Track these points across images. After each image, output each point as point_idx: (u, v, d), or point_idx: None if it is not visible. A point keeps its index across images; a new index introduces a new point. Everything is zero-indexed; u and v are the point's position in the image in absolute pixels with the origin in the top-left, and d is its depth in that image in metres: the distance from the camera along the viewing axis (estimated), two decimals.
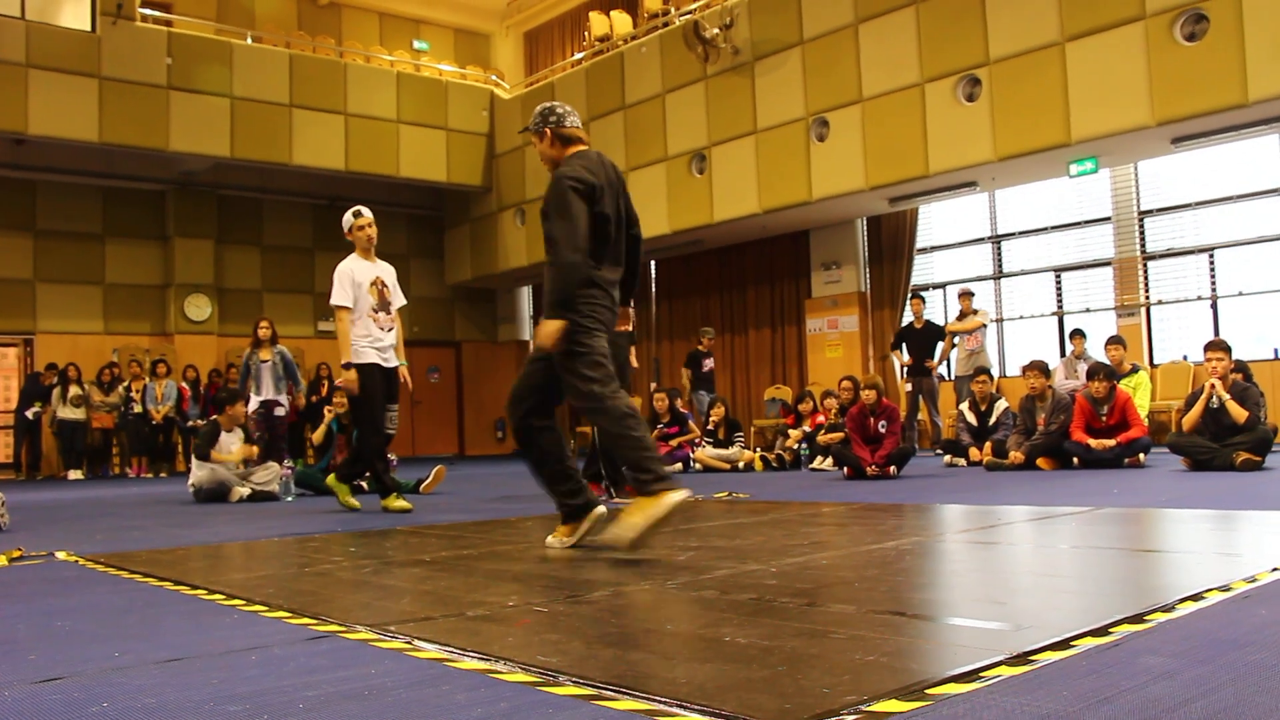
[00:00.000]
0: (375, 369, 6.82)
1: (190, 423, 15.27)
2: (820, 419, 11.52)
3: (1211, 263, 12.49)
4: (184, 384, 15.82)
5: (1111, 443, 8.80)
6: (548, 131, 4.34)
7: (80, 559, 4.47)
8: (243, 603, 3.14)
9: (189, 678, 2.17)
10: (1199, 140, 10.99)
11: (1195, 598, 2.67)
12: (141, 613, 3.09)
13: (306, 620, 2.81)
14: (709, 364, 13.81)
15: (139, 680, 2.16)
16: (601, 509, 4.28)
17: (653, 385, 15.15)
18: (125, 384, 15.46)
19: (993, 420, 10.08)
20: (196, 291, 17.84)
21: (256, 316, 10.71)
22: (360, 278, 6.87)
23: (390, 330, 6.99)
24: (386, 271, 7.11)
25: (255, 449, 9.21)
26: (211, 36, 16.47)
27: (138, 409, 15.17)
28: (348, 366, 6.73)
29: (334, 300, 6.81)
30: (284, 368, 10.51)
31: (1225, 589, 2.78)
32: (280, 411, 10.35)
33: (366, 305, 6.85)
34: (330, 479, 7.15)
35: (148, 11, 16.00)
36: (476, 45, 22.12)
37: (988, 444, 9.78)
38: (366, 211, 7.05)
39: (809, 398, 12.16)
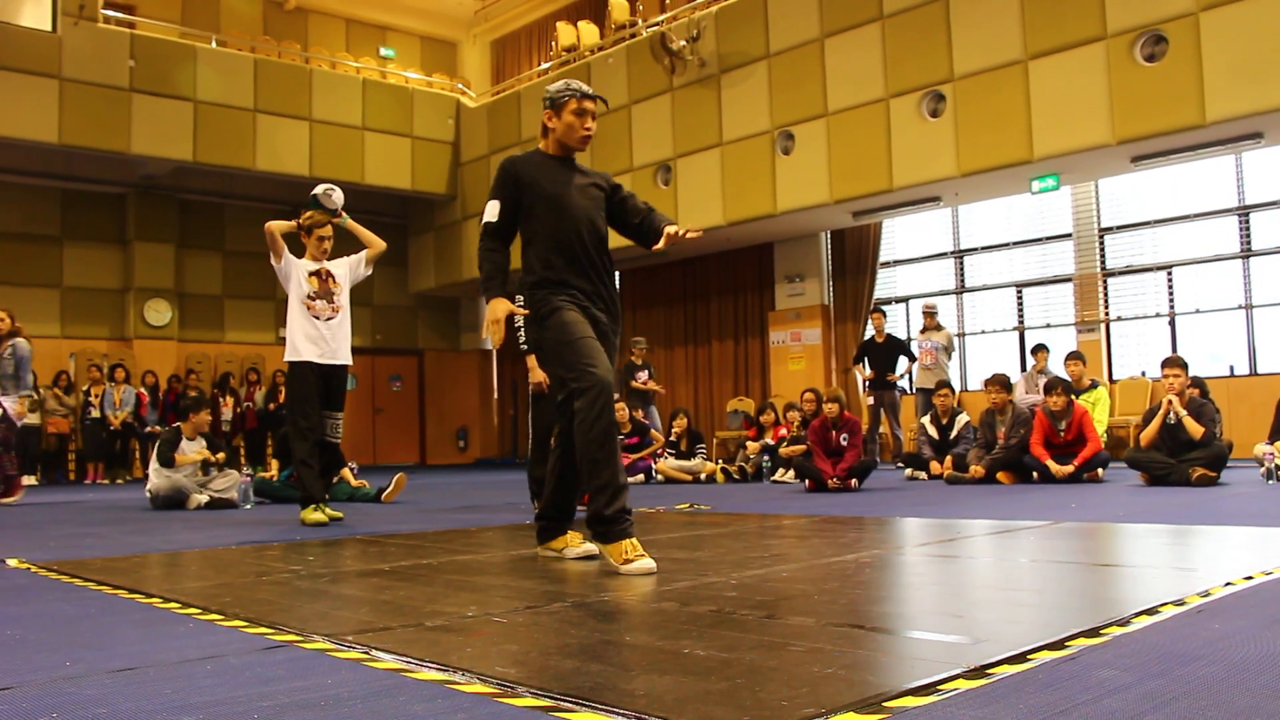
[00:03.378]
0: (308, 368, 6.49)
1: (149, 429, 15.11)
2: (782, 431, 11.56)
3: (1170, 280, 12.66)
4: (143, 389, 15.64)
5: (1070, 469, 8.85)
6: None
7: (32, 566, 4.40)
8: (198, 611, 3.10)
9: (142, 687, 2.14)
10: (1158, 159, 11.15)
11: (1150, 612, 2.69)
12: (94, 621, 3.04)
13: (263, 629, 2.78)
14: (643, 377, 12.64)
15: (90, 690, 2.12)
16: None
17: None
18: (84, 389, 15.27)
19: (954, 434, 10.15)
20: (156, 296, 17.65)
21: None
22: (299, 270, 6.61)
23: (330, 320, 6.62)
24: (336, 264, 6.83)
25: (221, 455, 9.05)
26: (175, 39, 16.35)
27: (95, 414, 14.99)
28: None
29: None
30: (14, 365, 9.35)
31: (1180, 603, 2.81)
32: None
33: (301, 291, 6.56)
34: (302, 515, 6.60)
35: (110, 13, 15.86)
36: (443, 53, 22.08)
37: (948, 457, 9.85)
38: (337, 197, 6.81)
39: (770, 409, 12.20)
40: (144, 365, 16.52)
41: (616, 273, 18.00)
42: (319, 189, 6.81)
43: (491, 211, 4.23)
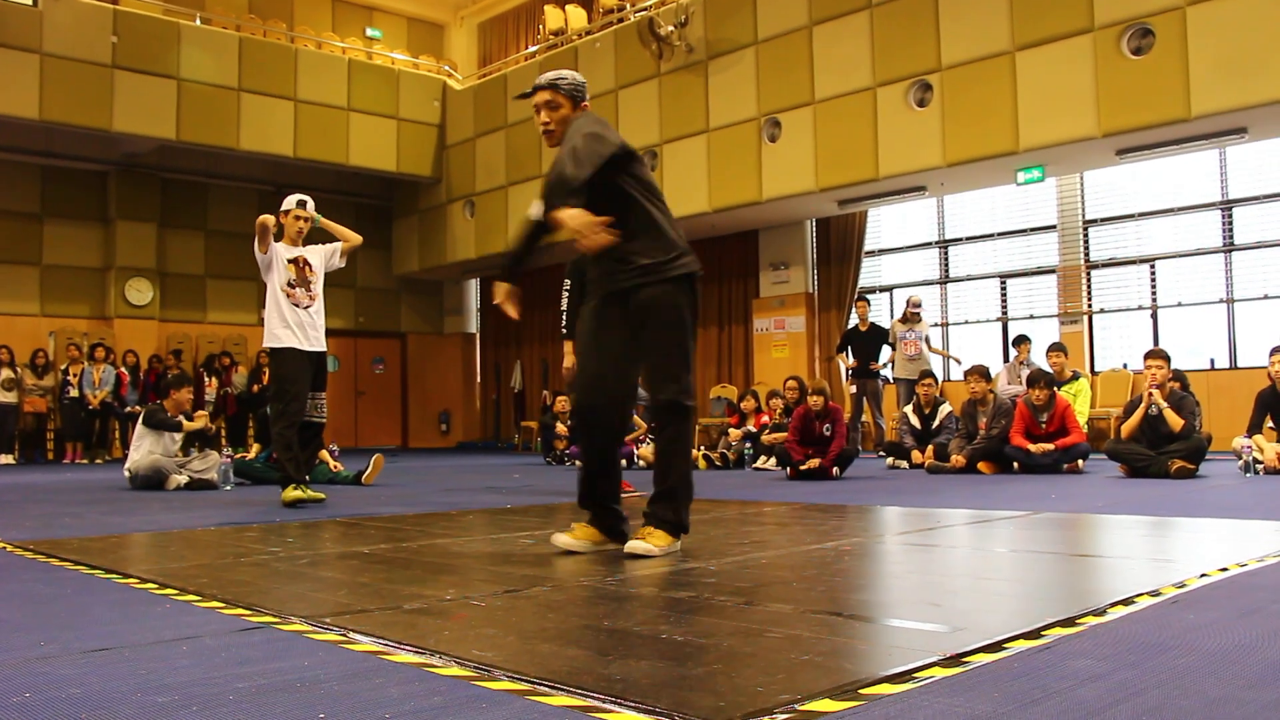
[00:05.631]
0: (294, 352, 6.56)
1: (128, 409, 15.04)
2: (765, 419, 11.57)
3: (1153, 273, 12.71)
4: (123, 369, 15.54)
5: (1050, 446, 8.92)
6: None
7: (8, 546, 4.38)
8: (175, 592, 3.09)
9: (116, 668, 2.13)
10: (1143, 152, 11.19)
11: (1126, 602, 2.71)
12: (70, 601, 3.03)
13: (240, 611, 2.77)
14: None
15: (64, 670, 2.11)
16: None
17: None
18: (63, 368, 15.18)
19: (936, 423, 10.18)
20: (138, 275, 17.53)
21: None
22: (275, 256, 6.63)
23: (309, 309, 6.68)
24: (313, 252, 6.83)
25: (216, 422, 8.89)
26: (159, 16, 16.19)
27: (74, 393, 14.90)
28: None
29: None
30: None
31: (1155, 594, 2.83)
32: None
33: (281, 279, 6.60)
34: (283, 494, 6.59)
35: None
36: (430, 35, 21.96)
37: (930, 447, 9.89)
38: (309, 208, 6.80)
39: (753, 397, 12.21)
40: (125, 345, 16.41)
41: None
42: (291, 202, 6.83)
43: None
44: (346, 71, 17.94)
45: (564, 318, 7.36)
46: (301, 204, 6.81)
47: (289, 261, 6.67)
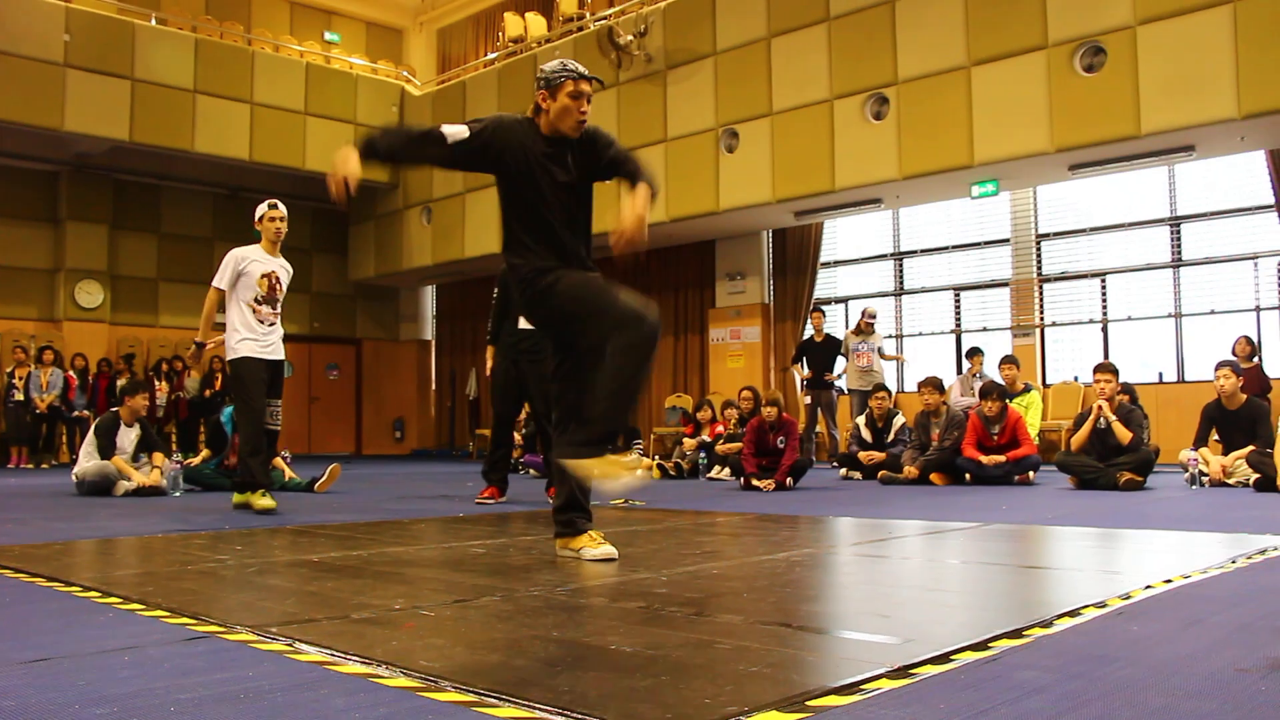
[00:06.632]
0: (253, 361, 6.62)
1: (76, 413, 14.81)
2: (720, 428, 11.59)
3: (1103, 287, 12.88)
4: (71, 373, 15.30)
5: (1002, 458, 9.01)
6: None
7: None
8: (119, 601, 3.04)
9: (55, 679, 2.09)
10: (1095, 168, 11.34)
11: (1073, 614, 2.73)
12: (9, 610, 2.97)
13: (185, 620, 2.73)
14: None
15: (0, 681, 2.07)
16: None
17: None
18: (8, 370, 14.93)
19: (890, 436, 10.23)
20: (88, 278, 17.27)
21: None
22: (252, 267, 6.71)
23: (272, 326, 6.77)
24: (283, 269, 6.94)
25: (158, 470, 8.61)
26: (113, 15, 15.99)
27: (19, 396, 14.64)
28: (200, 345, 6.80)
29: (214, 281, 6.71)
30: None
31: (1102, 605, 2.86)
32: None
33: (249, 294, 6.67)
34: (236, 497, 6.72)
35: None
36: (389, 40, 21.86)
37: (883, 454, 9.96)
38: (281, 207, 6.93)
39: (708, 406, 12.23)
40: (74, 348, 16.15)
41: None
42: (263, 208, 6.93)
43: (456, 130, 3.86)
44: (304, 75, 17.80)
45: (490, 324, 7.69)
46: (272, 205, 6.92)
47: (262, 276, 6.74)
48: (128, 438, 8.66)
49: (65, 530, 5.38)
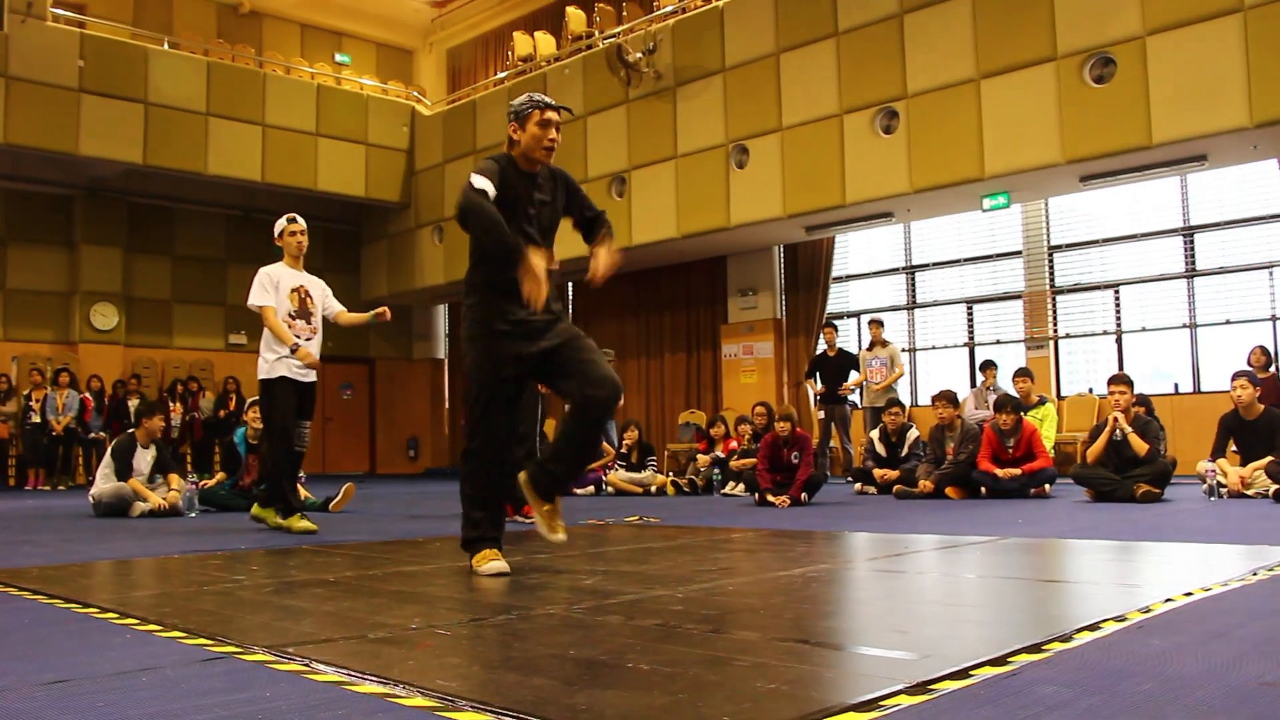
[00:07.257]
0: (288, 383, 6.61)
1: (92, 434, 14.86)
2: (733, 444, 11.58)
3: (1117, 298, 12.83)
4: (87, 394, 15.37)
5: (1017, 471, 8.97)
6: None
7: None
8: (137, 622, 3.04)
9: (74, 700, 2.09)
10: (1106, 179, 11.31)
11: (1092, 628, 2.71)
12: (28, 632, 2.98)
13: (203, 641, 2.73)
14: None
15: (19, 703, 2.07)
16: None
17: None
18: (25, 394, 15.00)
19: (904, 451, 10.20)
20: (103, 300, 17.35)
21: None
22: (280, 282, 6.70)
23: (309, 341, 6.74)
24: (313, 283, 6.92)
25: (175, 491, 8.62)
26: (127, 40, 16.12)
27: (36, 419, 14.71)
28: (294, 349, 6.55)
29: (253, 301, 6.62)
30: None
31: (1121, 619, 2.84)
32: None
33: (282, 310, 6.66)
34: (255, 509, 6.93)
35: (60, 11, 15.63)
36: (399, 61, 21.96)
37: (897, 471, 9.93)
38: (300, 220, 6.91)
39: (721, 422, 12.21)
40: (89, 370, 16.24)
41: (569, 284, 17.94)
42: (281, 223, 6.90)
43: (486, 184, 4.01)
44: (315, 96, 17.91)
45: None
46: (291, 219, 6.89)
47: (291, 290, 6.73)
48: (144, 459, 8.70)
49: (83, 552, 5.40)
